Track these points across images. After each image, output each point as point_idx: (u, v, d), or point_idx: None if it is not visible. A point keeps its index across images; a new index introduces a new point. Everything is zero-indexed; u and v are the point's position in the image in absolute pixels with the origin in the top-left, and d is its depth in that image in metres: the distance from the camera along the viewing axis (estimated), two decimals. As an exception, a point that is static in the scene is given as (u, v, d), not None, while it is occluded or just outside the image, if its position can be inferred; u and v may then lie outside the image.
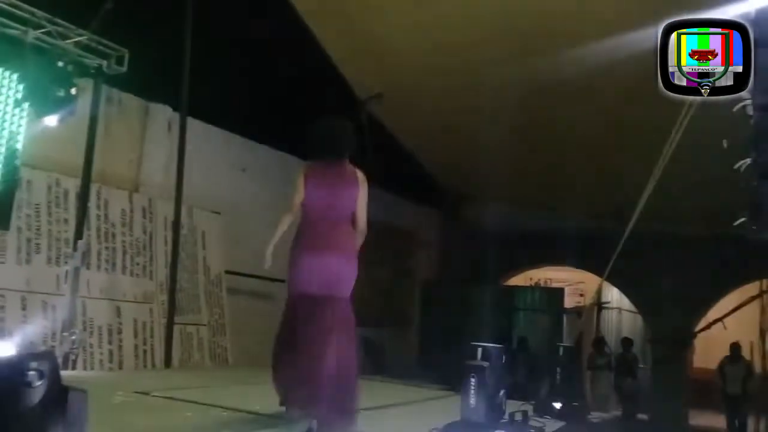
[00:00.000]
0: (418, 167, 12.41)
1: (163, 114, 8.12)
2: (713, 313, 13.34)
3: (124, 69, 6.48)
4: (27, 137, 5.79)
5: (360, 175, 4.38)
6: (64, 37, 5.97)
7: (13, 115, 5.56)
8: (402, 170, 11.92)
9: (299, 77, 9.53)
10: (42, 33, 5.79)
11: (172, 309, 7.43)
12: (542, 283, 15.64)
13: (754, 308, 12.91)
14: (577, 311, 13.11)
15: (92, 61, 6.35)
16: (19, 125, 5.62)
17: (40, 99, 5.67)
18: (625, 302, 15.78)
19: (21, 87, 5.58)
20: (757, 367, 12.31)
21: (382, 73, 9.71)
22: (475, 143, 9.71)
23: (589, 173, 9.90)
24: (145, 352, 7.18)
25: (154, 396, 4.82)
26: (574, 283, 15.42)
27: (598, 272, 9.64)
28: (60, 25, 5.92)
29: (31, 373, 1.62)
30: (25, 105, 5.65)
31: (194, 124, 8.07)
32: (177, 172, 7.69)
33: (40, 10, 5.75)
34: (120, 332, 6.97)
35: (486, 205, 12.46)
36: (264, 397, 5.21)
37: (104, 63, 6.41)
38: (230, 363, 8.06)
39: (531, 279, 15.81)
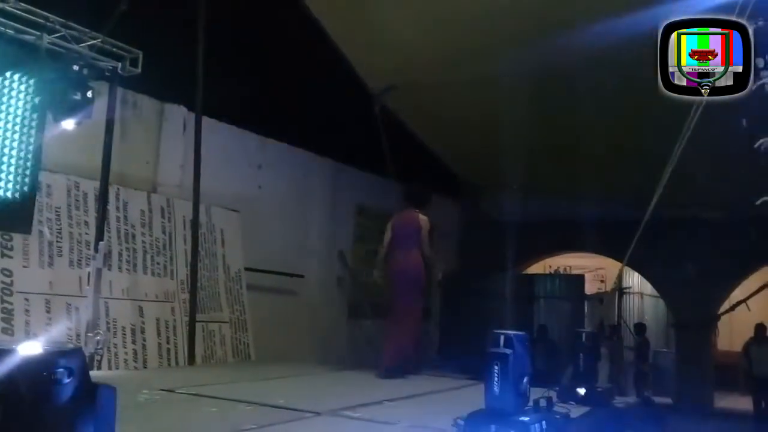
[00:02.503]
0: (434, 158, 12.39)
1: (178, 114, 8.17)
2: (737, 295, 13.22)
3: (139, 70, 6.51)
4: (46, 142, 5.84)
5: (423, 219, 6.86)
6: (79, 41, 6.01)
7: (32, 120, 5.61)
8: (418, 162, 11.91)
9: (312, 73, 9.54)
10: (56, 38, 5.83)
11: (193, 307, 7.49)
12: (562, 271, 15.60)
13: (777, 289, 12.77)
14: (599, 297, 13.05)
15: (107, 64, 6.38)
16: (38, 130, 5.67)
17: (57, 103, 5.71)
18: (647, 287, 15.71)
19: (38, 91, 5.63)
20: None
21: (395, 65, 9.68)
22: (490, 132, 9.69)
23: (606, 157, 9.83)
24: (168, 350, 7.24)
25: (179, 393, 4.87)
26: (594, 269, 15.36)
27: (619, 258, 9.56)
28: (74, 29, 5.96)
29: (60, 370, 1.64)
30: (43, 109, 5.70)
31: (209, 123, 8.11)
32: (194, 171, 7.73)
33: (53, 14, 5.80)
34: (143, 331, 7.03)
35: (503, 194, 12.42)
36: (287, 391, 5.27)
37: (119, 65, 6.43)
38: (253, 358, 8.11)
39: (550, 267, 15.76)
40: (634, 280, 15.79)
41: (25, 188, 5.64)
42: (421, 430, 3.89)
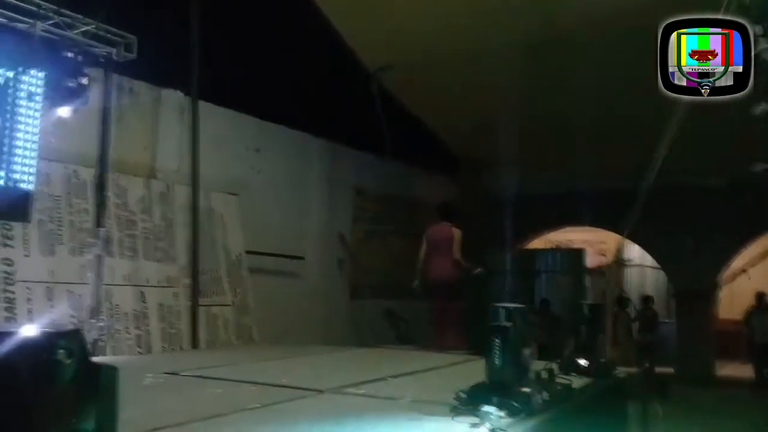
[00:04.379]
0: (432, 137, 12.37)
1: (174, 99, 8.14)
2: (737, 264, 13.27)
3: (134, 56, 6.49)
4: (43, 130, 5.84)
5: (456, 230, 8.12)
6: (72, 28, 5.99)
7: (28, 109, 5.60)
8: (416, 141, 11.89)
9: (309, 54, 9.50)
10: (49, 25, 5.81)
11: (195, 291, 7.53)
12: (563, 245, 15.62)
13: (777, 257, 12.84)
14: (600, 270, 13.10)
15: (101, 50, 6.35)
16: (35, 119, 5.67)
17: (53, 91, 5.71)
18: (648, 259, 15.75)
19: (34, 81, 5.62)
20: (784, 315, 12.24)
21: (391, 44, 9.64)
22: (487, 108, 9.66)
23: (604, 130, 9.80)
24: (172, 335, 7.28)
25: (183, 375, 4.91)
26: (595, 243, 15.37)
27: (619, 231, 9.59)
28: (67, 15, 5.93)
29: (60, 351, 1.66)
30: (39, 98, 5.69)
31: (206, 108, 8.09)
32: (192, 156, 7.74)
33: (45, 2, 5.77)
34: (146, 317, 7.07)
35: (502, 170, 12.40)
36: (290, 371, 5.32)
37: (113, 51, 6.41)
38: (256, 341, 8.16)
39: (551, 242, 15.78)
40: (635, 252, 15.83)
41: (24, 177, 5.65)
42: (424, 404, 3.93)
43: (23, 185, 5.66)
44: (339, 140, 10.76)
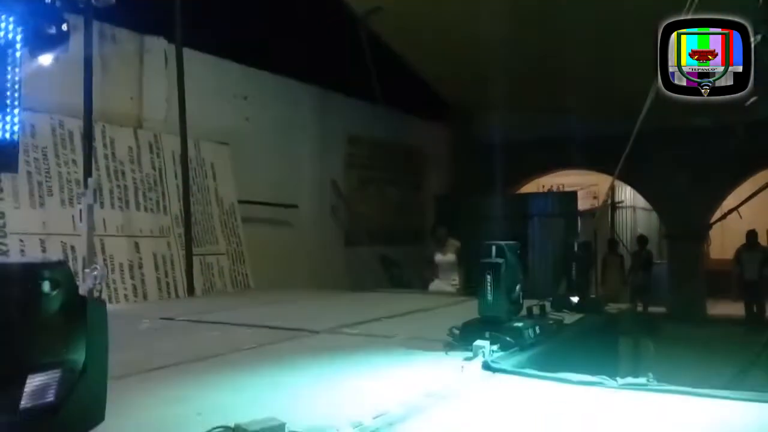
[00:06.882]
0: (422, 82, 12.22)
1: (158, 46, 7.99)
2: (729, 203, 13.31)
3: (113, 1, 6.31)
4: (25, 81, 5.72)
5: None
6: (48, -27, 5.81)
7: (7, 57, 5.47)
8: (407, 87, 11.75)
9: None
10: (25, -30, 5.64)
11: (189, 241, 7.53)
12: (555, 189, 15.64)
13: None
14: (591, 212, 13.14)
15: (80, -5, 6.18)
16: (14, 66, 5.54)
17: (32, 38, 5.56)
18: (640, 201, 15.80)
19: (12, 26, 5.47)
20: (774, 252, 12.34)
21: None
22: (476, 52, 9.54)
23: (593, 72, 9.71)
24: (167, 284, 7.32)
25: (180, 320, 4.94)
26: (587, 186, 15.38)
27: (610, 173, 9.54)
28: (42, -41, 5.76)
29: (45, 282, 1.65)
30: (19, 46, 5.55)
31: (191, 55, 7.94)
32: (179, 105, 7.62)
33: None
34: (141, 267, 7.09)
35: (493, 115, 12.30)
36: (285, 314, 5.36)
37: (92, -5, 6.23)
38: (252, 287, 8.21)
39: (543, 186, 15.80)
40: (627, 194, 15.88)
41: (9, 126, 5.55)
42: (418, 340, 3.97)
43: (9, 135, 5.56)
44: (330, 87, 10.61)
